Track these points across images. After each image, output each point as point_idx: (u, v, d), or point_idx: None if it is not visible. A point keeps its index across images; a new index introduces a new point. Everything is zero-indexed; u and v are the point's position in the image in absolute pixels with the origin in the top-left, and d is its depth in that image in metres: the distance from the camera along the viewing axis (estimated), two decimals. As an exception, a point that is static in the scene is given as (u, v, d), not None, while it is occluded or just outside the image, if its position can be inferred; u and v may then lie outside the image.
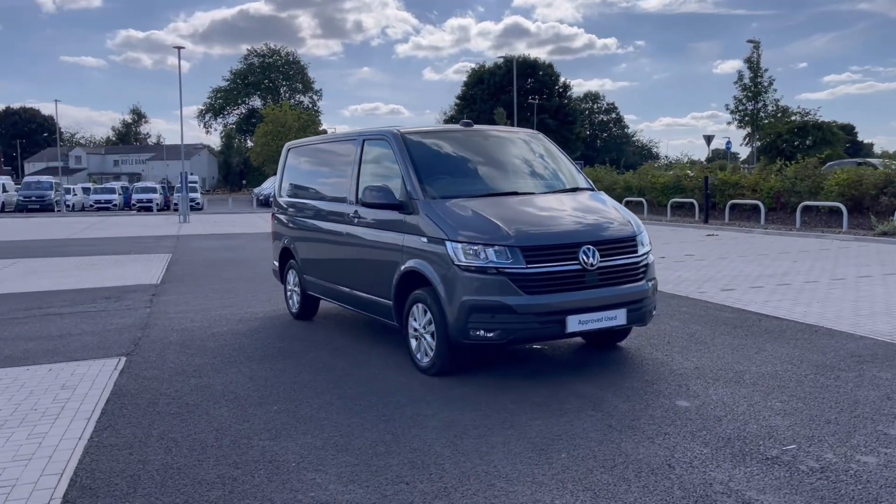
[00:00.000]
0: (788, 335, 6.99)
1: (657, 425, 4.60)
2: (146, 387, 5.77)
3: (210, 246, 18.75)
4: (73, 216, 40.06)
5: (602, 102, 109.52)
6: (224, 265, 14.31)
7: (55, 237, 22.75)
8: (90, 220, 34.53)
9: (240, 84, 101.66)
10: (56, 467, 4.13)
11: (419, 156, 6.33)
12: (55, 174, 57.99)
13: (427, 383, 5.66)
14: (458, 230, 5.58)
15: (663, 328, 7.45)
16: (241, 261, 15.09)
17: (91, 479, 3.98)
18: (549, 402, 5.15)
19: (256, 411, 5.10)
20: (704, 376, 5.67)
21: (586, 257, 5.58)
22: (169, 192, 51.81)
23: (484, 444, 4.36)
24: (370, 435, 4.57)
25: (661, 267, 12.22)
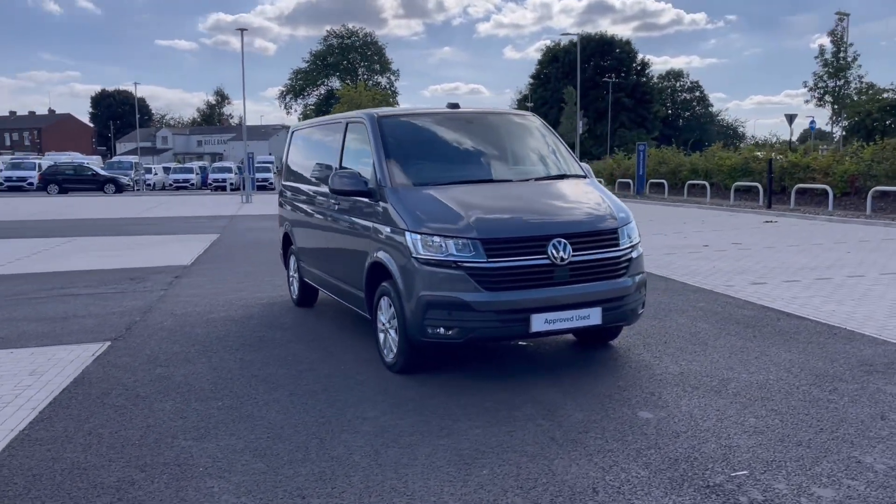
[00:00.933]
0: (801, 337, 6.37)
1: (604, 440, 4.19)
2: (109, 375, 5.70)
3: (258, 227, 18.92)
4: (149, 195, 41.50)
5: (685, 80, 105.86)
6: (260, 247, 14.35)
7: (120, 216, 23.49)
8: (161, 199, 35.63)
9: (319, 65, 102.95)
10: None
11: (393, 140, 6.00)
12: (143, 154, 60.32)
13: (385, 382, 5.38)
14: (419, 220, 5.25)
15: (667, 325, 6.93)
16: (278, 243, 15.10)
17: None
18: (502, 407, 4.79)
19: (199, 406, 4.94)
20: (685, 383, 5.18)
21: (556, 251, 5.15)
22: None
23: (408, 454, 4.05)
24: (298, 438, 4.33)
25: (698, 257, 11.54)
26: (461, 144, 6.29)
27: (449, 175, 5.87)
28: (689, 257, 11.57)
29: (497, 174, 6.04)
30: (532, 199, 5.63)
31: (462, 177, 5.87)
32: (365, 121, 6.24)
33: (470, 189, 5.65)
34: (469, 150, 6.28)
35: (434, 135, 6.28)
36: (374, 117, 6.20)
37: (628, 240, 5.58)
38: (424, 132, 6.28)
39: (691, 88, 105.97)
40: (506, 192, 5.72)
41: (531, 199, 5.64)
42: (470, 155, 6.23)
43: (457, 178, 5.84)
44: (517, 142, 6.56)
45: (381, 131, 6.04)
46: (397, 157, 5.89)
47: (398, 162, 5.86)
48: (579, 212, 5.56)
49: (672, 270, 10.24)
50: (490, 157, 6.28)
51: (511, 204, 5.50)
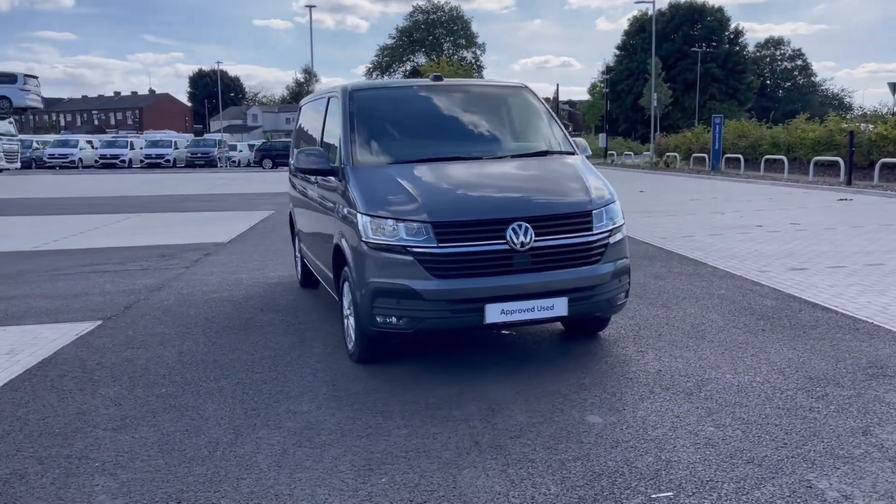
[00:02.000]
0: (816, 333, 5.71)
1: (532, 448, 3.78)
2: (77, 357, 5.66)
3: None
4: (232, 172, 42.63)
5: (786, 48, 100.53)
6: (302, 225, 14.32)
7: (187, 192, 24.10)
8: (237, 175, 36.49)
9: (405, 41, 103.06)
10: None
11: (362, 115, 5.67)
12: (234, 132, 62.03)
13: (337, 373, 5.11)
14: (371, 202, 4.92)
15: (672, 315, 6.36)
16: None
17: None
18: (445, 404, 4.43)
19: (140, 393, 4.81)
20: (656, 383, 4.68)
21: (515, 235, 4.72)
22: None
23: (315, 456, 3.77)
24: (214, 433, 4.11)
25: (745, 238, 10.73)
26: (436, 120, 5.88)
27: (416, 153, 5.50)
28: (734, 239, 10.76)
29: (469, 151, 5.61)
30: (499, 179, 5.20)
31: (430, 154, 5.48)
32: (339, 95, 5.93)
33: (434, 168, 5.27)
34: (443, 125, 5.87)
35: (408, 109, 5.91)
36: (346, 90, 5.88)
37: (606, 223, 5.08)
38: (398, 106, 5.93)
39: (792, 57, 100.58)
40: (473, 170, 5.31)
41: (498, 178, 5.22)
42: (443, 131, 5.82)
43: (424, 155, 5.46)
44: (501, 116, 6.10)
45: (350, 106, 5.72)
46: (365, 134, 5.57)
47: (365, 138, 5.54)
48: (548, 192, 5.09)
49: (708, 253, 9.52)
50: (466, 132, 5.85)
51: (474, 183, 5.09)
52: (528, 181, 5.22)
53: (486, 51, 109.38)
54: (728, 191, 20.02)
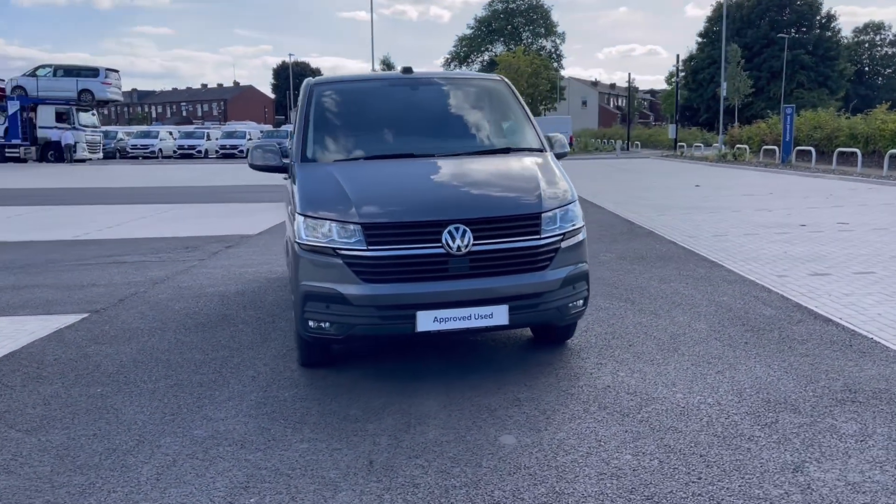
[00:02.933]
0: (803, 348, 5.20)
1: (425, 471, 3.52)
2: (42, 351, 5.70)
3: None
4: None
5: (886, 33, 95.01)
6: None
7: (247, 183, 24.53)
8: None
9: (483, 31, 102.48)
10: None
11: (319, 110, 5.51)
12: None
13: (276, 379, 4.95)
14: (308, 201, 4.73)
15: (654, 324, 5.94)
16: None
17: None
18: (364, 417, 4.21)
19: (76, 393, 4.76)
20: (597, 401, 4.33)
21: (451, 239, 4.44)
22: None
23: (200, 470, 3.60)
24: (118, 439, 3.98)
25: (780, 239, 10.05)
26: (396, 115, 5.64)
27: (367, 149, 5.29)
28: (767, 239, 10.09)
29: (425, 149, 5.34)
30: (446, 178, 4.93)
31: (381, 151, 5.27)
32: (303, 89, 5.78)
33: (381, 166, 5.05)
34: (403, 121, 5.62)
35: (369, 104, 5.70)
36: (308, 84, 5.73)
37: (558, 226, 4.74)
38: (359, 101, 5.72)
39: (894, 42, 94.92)
40: (421, 169, 5.05)
41: (446, 177, 4.95)
42: (402, 127, 5.57)
43: (375, 152, 5.25)
44: (467, 111, 5.80)
45: (308, 100, 5.56)
46: (319, 129, 5.40)
47: (318, 134, 5.37)
48: (494, 193, 4.79)
49: (731, 255, 8.94)
50: (425, 128, 5.59)
51: (417, 183, 4.84)
52: (476, 181, 4.92)
53: (566, 40, 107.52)
54: (789, 186, 18.94)
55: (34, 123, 39.80)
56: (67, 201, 18.59)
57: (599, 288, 7.30)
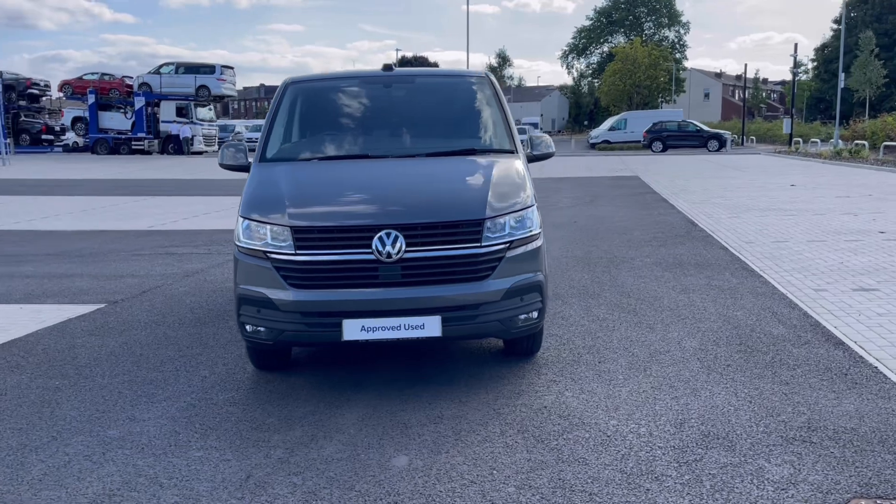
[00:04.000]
0: (789, 374, 4.66)
1: (292, 491, 3.37)
2: (36, 341, 5.93)
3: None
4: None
5: None
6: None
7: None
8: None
9: (603, 22, 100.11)
10: None
11: (286, 109, 5.45)
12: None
13: (225, 379, 4.92)
14: (248, 203, 4.67)
15: (646, 339, 5.50)
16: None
17: None
18: (278, 427, 4.10)
19: (35, 385, 4.91)
20: (520, 424, 4.03)
21: (382, 245, 4.25)
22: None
23: (82, 474, 3.56)
24: (35, 435, 4.02)
25: (845, 248, 9.15)
26: (361, 115, 5.50)
27: (322, 150, 5.18)
28: (832, 247, 9.20)
29: (379, 150, 5.15)
30: (387, 181, 4.74)
31: (336, 152, 5.15)
32: (279, 87, 5.73)
33: (330, 168, 4.93)
34: (366, 121, 5.46)
35: (336, 104, 5.58)
36: (284, 84, 5.66)
37: (506, 234, 4.45)
38: (327, 101, 5.60)
39: None
40: (368, 171, 4.88)
41: (388, 180, 4.76)
42: (363, 127, 5.42)
43: (330, 153, 5.13)
44: (438, 110, 5.56)
45: (280, 99, 5.50)
46: (281, 129, 5.35)
47: (280, 134, 5.32)
48: (434, 197, 4.55)
49: (779, 263, 8.22)
50: (387, 129, 5.40)
51: (358, 186, 4.68)
52: (420, 185, 4.69)
53: (689, 29, 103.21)
54: (889, 187, 17.32)
55: (157, 118, 42.34)
56: (167, 192, 19.61)
57: (611, 296, 6.87)
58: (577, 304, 6.64)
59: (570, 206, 14.86)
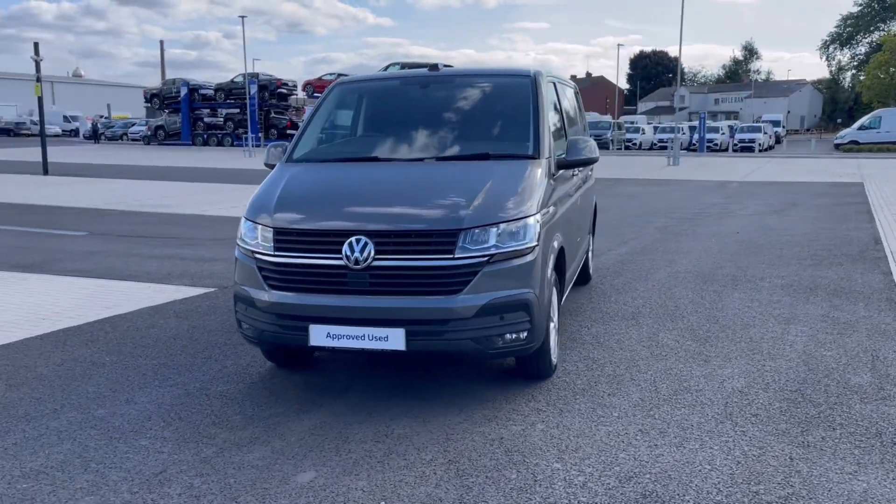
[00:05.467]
0: (830, 445, 3.82)
1: (184, 489, 3.40)
2: (131, 320, 6.54)
3: (619, 193, 18.12)
4: (617, 154, 42.55)
5: None
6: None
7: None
8: (616, 159, 36.17)
9: (875, 8, 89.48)
10: None
11: (324, 110, 5.51)
12: (661, 114, 61.19)
13: (232, 374, 5.10)
14: (252, 203, 4.75)
15: (685, 374, 4.83)
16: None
17: None
18: (235, 425, 4.16)
19: (92, 359, 5.43)
20: (451, 454, 3.71)
21: (351, 251, 4.15)
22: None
23: (21, 447, 3.92)
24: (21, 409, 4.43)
25: None
26: (387, 116, 5.38)
27: (339, 152, 5.19)
28: None
29: (389, 152, 5.02)
30: (375, 186, 4.60)
31: (349, 154, 5.13)
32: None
33: (334, 170, 4.91)
34: (389, 123, 5.33)
35: (369, 105, 5.52)
36: (332, 85, 5.71)
37: (488, 246, 4.12)
38: (361, 102, 5.56)
39: None
40: (364, 175, 4.78)
41: (377, 184, 4.62)
42: (386, 129, 5.30)
43: (344, 155, 5.13)
44: (465, 112, 5.25)
45: (322, 101, 5.57)
46: (314, 129, 5.41)
47: (311, 134, 5.37)
48: (410, 204, 4.32)
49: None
50: (407, 131, 5.20)
51: (346, 189, 4.60)
52: (406, 190, 4.47)
53: None
54: None
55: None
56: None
57: (694, 321, 6.12)
58: (649, 326, 5.99)
59: (749, 215, 13.48)
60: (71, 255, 9.83)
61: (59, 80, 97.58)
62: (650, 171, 26.40)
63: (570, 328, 5.96)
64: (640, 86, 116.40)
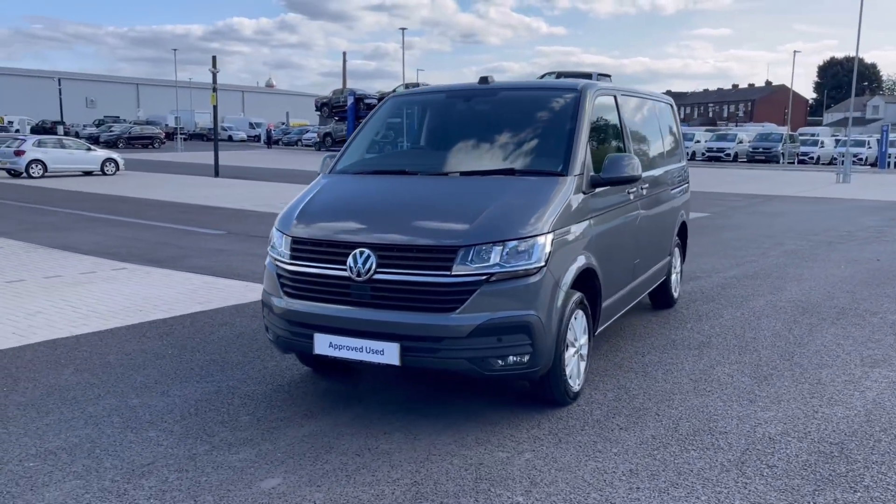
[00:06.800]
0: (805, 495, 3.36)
1: (137, 482, 3.58)
2: (210, 317, 7.00)
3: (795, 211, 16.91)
4: (788, 170, 39.61)
5: None
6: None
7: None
8: (764, 174, 33.77)
9: None
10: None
11: (373, 122, 5.60)
12: (854, 125, 55.68)
13: (266, 375, 5.28)
14: (284, 214, 4.87)
15: (715, 413, 4.43)
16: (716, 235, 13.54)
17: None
18: (242, 425, 4.33)
19: (155, 352, 5.86)
20: (420, 475, 3.62)
21: (354, 262, 4.19)
22: None
23: (46, 426, 4.27)
24: (80, 392, 4.86)
25: None
26: (428, 129, 5.34)
27: (375, 165, 5.24)
28: None
29: (419, 166, 4.98)
30: (392, 199, 4.62)
31: (383, 167, 5.17)
32: None
33: (364, 182, 4.98)
34: (428, 135, 5.29)
35: (413, 118, 5.54)
36: (389, 95, 5.80)
37: (489, 264, 4.01)
38: (404, 114, 5.62)
39: None
40: (386, 188, 4.82)
41: (394, 197, 4.64)
42: (423, 141, 5.26)
43: (378, 167, 5.18)
44: (503, 126, 5.08)
45: (374, 113, 5.66)
46: (360, 140, 5.52)
47: (356, 145, 5.48)
48: (417, 217, 4.29)
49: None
50: (442, 145, 5.18)
51: (363, 202, 4.67)
52: (417, 205, 4.43)
53: None
54: None
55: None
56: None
57: (765, 355, 5.60)
58: (710, 358, 5.55)
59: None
60: (200, 252, 10.63)
61: (248, 90, 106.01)
62: (813, 187, 24.40)
63: (623, 354, 5.65)
64: (830, 95, 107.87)
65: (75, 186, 22.14)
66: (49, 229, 12.93)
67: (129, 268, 9.40)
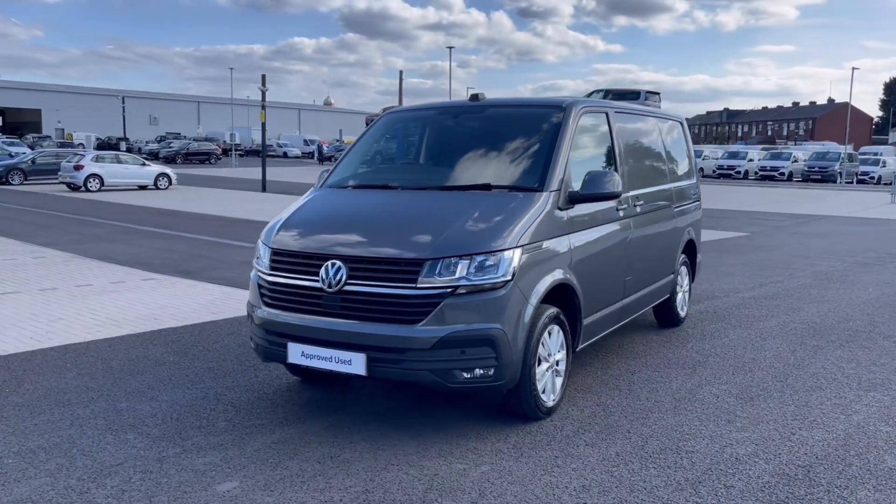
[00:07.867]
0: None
1: (124, 482, 3.71)
2: (225, 325, 7.21)
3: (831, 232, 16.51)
4: (843, 189, 38.46)
5: None
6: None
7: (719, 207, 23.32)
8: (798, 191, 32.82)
9: None
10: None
11: (369, 139, 5.73)
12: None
13: (255, 381, 5.42)
14: (269, 227, 5.01)
15: (689, 431, 4.37)
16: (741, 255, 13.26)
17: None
18: (218, 430, 4.46)
19: (158, 358, 6.06)
20: (373, 483, 3.68)
21: (326, 274, 4.30)
22: None
23: (36, 424, 4.46)
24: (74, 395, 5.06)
25: None
26: (414, 146, 5.44)
27: (360, 179, 5.34)
28: None
29: (399, 181, 5.10)
30: (367, 212, 4.72)
31: (367, 181, 5.30)
32: None
33: (347, 196, 5.12)
34: (415, 150, 5.38)
35: (397, 134, 5.72)
36: (384, 114, 5.92)
37: (455, 277, 4.06)
38: (394, 130, 5.76)
39: None
40: (364, 201, 4.97)
41: (370, 210, 4.74)
42: (407, 156, 5.38)
43: (363, 182, 5.30)
44: (485, 142, 5.12)
45: (368, 130, 5.79)
46: (352, 156, 5.64)
47: (348, 161, 5.60)
48: (388, 231, 4.37)
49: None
50: (426, 160, 5.25)
51: (341, 215, 4.83)
52: (389, 218, 4.53)
53: None
54: None
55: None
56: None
57: (758, 377, 5.50)
58: (700, 378, 5.47)
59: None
60: (227, 264, 10.91)
61: (305, 108, 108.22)
62: (863, 208, 23.65)
63: (612, 371, 5.61)
64: (892, 113, 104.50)
65: (127, 200, 22.94)
66: (93, 240, 13.44)
67: (158, 278, 9.71)
